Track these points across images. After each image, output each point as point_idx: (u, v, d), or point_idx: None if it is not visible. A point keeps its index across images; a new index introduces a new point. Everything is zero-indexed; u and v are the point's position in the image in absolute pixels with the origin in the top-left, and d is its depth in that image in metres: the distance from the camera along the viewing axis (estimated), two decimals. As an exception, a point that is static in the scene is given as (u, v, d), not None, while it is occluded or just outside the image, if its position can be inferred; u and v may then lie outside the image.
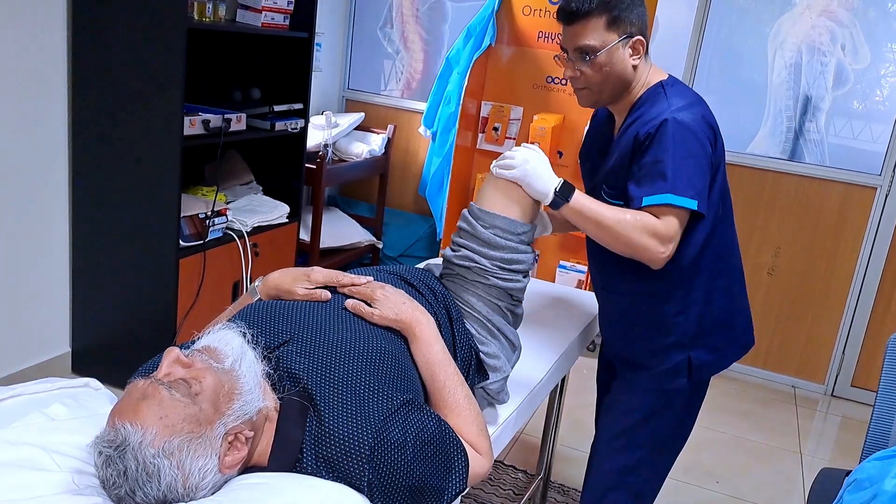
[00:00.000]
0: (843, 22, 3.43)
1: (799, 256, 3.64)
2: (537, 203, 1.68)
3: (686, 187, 1.59)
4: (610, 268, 1.81)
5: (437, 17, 4.21)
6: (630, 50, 1.68)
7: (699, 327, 1.79)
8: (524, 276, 1.67)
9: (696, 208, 1.60)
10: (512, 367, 1.67)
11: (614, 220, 1.61)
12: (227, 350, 1.15)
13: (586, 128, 2.06)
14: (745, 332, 1.89)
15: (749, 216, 3.64)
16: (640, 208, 1.62)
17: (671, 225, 1.60)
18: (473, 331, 1.61)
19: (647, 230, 1.60)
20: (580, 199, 1.64)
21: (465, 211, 1.69)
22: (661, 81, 1.74)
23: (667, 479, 1.98)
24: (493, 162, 1.70)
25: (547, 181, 1.64)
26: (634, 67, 1.70)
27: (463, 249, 1.64)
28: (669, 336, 1.80)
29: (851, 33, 3.43)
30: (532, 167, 1.63)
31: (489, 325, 1.62)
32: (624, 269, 1.73)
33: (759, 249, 3.69)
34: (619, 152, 1.74)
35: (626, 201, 1.68)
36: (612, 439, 1.93)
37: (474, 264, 1.62)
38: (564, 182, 1.64)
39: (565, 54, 1.72)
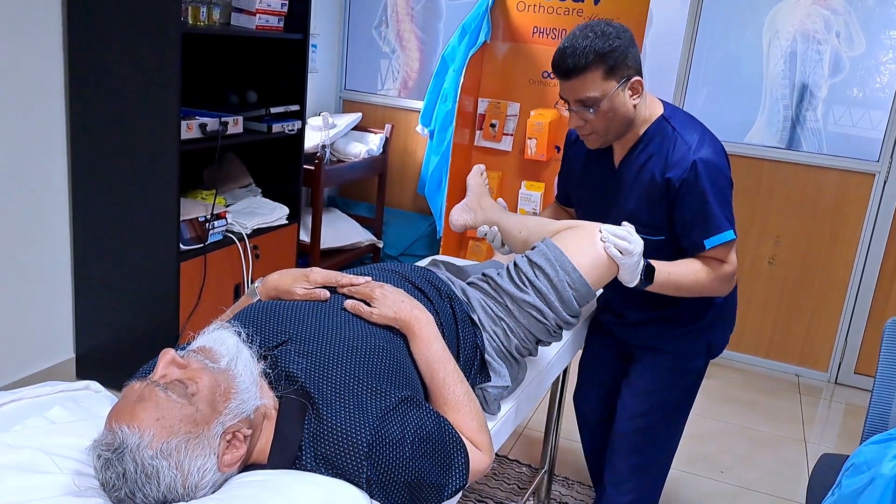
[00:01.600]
0: (838, 10, 3.43)
1: (799, 245, 3.64)
2: None
3: (728, 221, 1.74)
4: (636, 292, 1.80)
5: (432, 15, 4.21)
6: (630, 91, 1.71)
7: (715, 313, 1.95)
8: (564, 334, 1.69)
9: (734, 237, 1.76)
10: (515, 386, 1.66)
11: (691, 281, 1.75)
12: (223, 350, 1.16)
13: (564, 148, 2.08)
14: (735, 306, 2.05)
15: (748, 206, 3.64)
16: (703, 251, 1.75)
17: (733, 264, 1.78)
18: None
19: (718, 279, 1.77)
20: (661, 273, 1.69)
21: (546, 250, 1.61)
22: (662, 115, 1.80)
23: (672, 469, 2.09)
24: (604, 228, 1.64)
25: (640, 267, 1.66)
26: (635, 106, 1.74)
27: (532, 295, 1.58)
28: (695, 323, 1.94)
29: (846, 21, 3.42)
30: (639, 258, 1.64)
31: (507, 355, 1.62)
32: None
33: (759, 239, 3.68)
34: (638, 190, 1.80)
35: (668, 237, 1.79)
36: (632, 419, 2.02)
37: (538, 315, 1.59)
38: (648, 264, 1.67)
39: (566, 104, 1.74)
